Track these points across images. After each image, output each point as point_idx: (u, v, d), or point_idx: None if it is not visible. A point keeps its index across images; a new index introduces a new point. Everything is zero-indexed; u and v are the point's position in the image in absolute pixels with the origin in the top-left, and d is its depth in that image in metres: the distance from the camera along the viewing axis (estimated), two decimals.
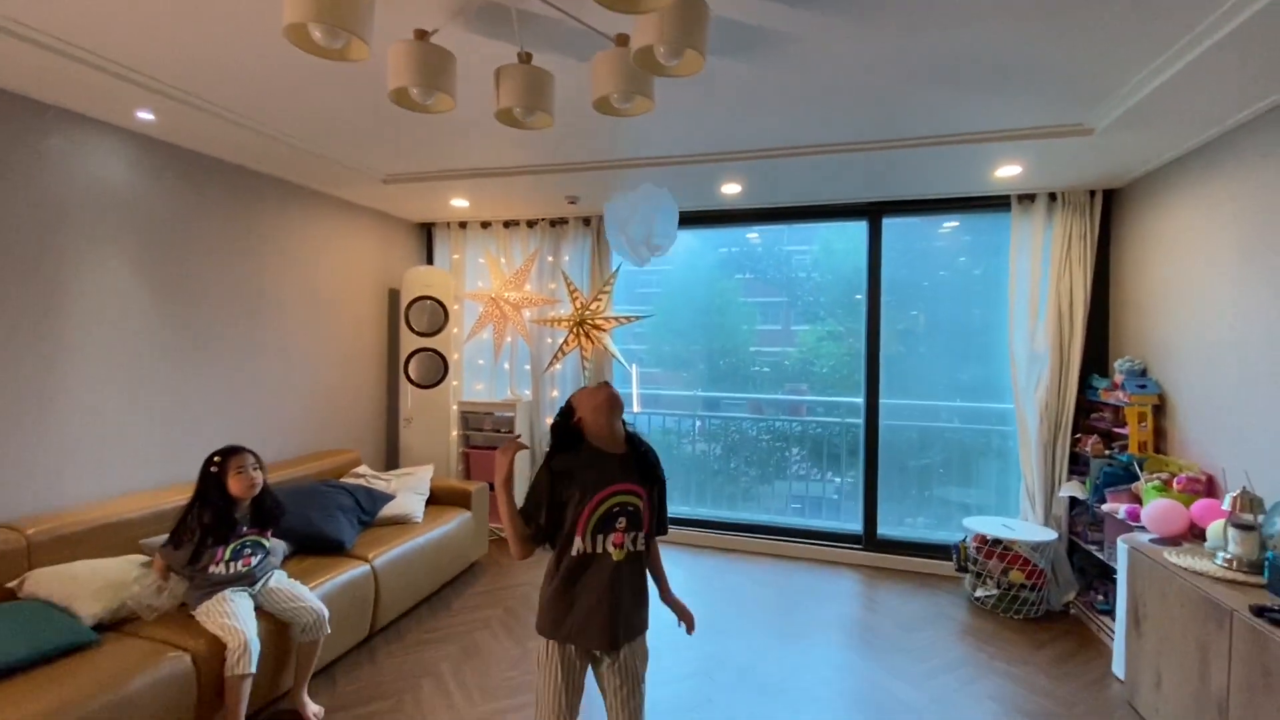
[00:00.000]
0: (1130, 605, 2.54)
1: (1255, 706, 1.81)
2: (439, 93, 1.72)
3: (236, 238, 3.32)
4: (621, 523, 1.60)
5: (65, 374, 2.56)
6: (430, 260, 4.90)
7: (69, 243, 2.57)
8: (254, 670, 2.11)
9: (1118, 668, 2.71)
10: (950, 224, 4.21)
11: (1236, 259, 2.57)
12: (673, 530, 4.45)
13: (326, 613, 2.41)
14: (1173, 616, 2.23)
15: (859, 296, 4.20)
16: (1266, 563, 2.06)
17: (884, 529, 4.08)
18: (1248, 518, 2.19)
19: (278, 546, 2.63)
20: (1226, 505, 2.28)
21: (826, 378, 4.69)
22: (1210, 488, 2.71)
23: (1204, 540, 2.47)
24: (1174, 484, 2.80)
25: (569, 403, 1.73)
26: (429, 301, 4.40)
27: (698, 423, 5.01)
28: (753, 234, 4.96)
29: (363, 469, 3.76)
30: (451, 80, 1.74)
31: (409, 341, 4.40)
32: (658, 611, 1.72)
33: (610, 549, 1.60)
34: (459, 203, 4.16)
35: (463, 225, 4.73)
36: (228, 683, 2.10)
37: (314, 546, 2.90)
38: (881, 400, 4.07)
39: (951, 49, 2.06)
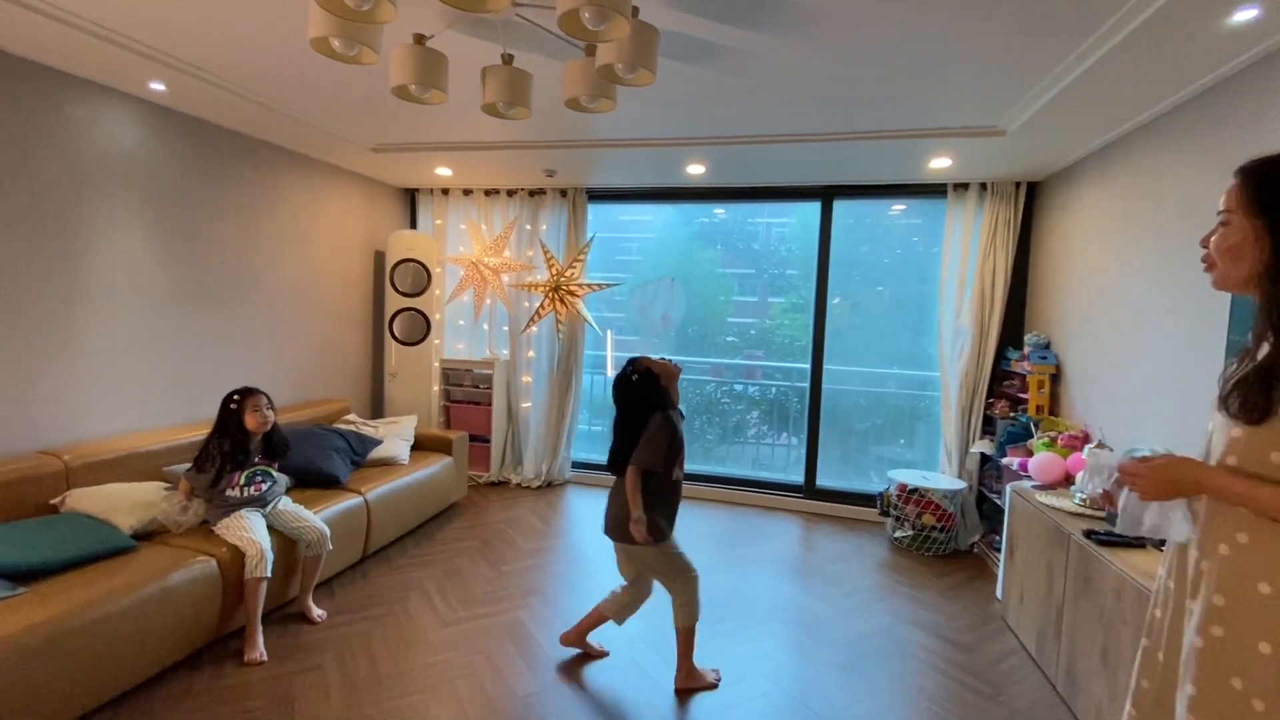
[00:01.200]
0: (1009, 538, 3.04)
1: (1078, 607, 2.30)
2: (433, 89, 2.03)
3: (237, 198, 3.58)
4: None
5: (88, 320, 2.86)
6: (414, 225, 5.17)
7: (90, 200, 2.83)
8: (269, 575, 2.50)
9: (999, 592, 3.24)
10: (898, 207, 4.62)
11: (1118, 249, 3.01)
12: None
13: (328, 531, 2.80)
14: (1034, 544, 2.73)
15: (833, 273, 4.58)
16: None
17: (823, 480, 4.58)
18: None
19: (281, 479, 2.99)
20: (1085, 455, 2.76)
21: (787, 346, 5.11)
22: (1085, 443, 3.21)
23: (1073, 486, 2.97)
24: (1059, 440, 3.29)
25: (646, 369, 2.39)
26: (413, 264, 4.69)
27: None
28: (719, 209, 5.31)
29: (352, 416, 4.11)
30: (444, 78, 2.06)
31: (394, 301, 4.71)
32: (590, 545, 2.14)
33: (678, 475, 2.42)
34: (443, 171, 4.43)
35: (445, 192, 4.99)
36: (247, 585, 2.48)
37: (313, 481, 3.27)
38: (825, 366, 4.51)
39: (875, 56, 2.41)
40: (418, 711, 2.16)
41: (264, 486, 2.74)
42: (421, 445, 4.16)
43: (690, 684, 2.39)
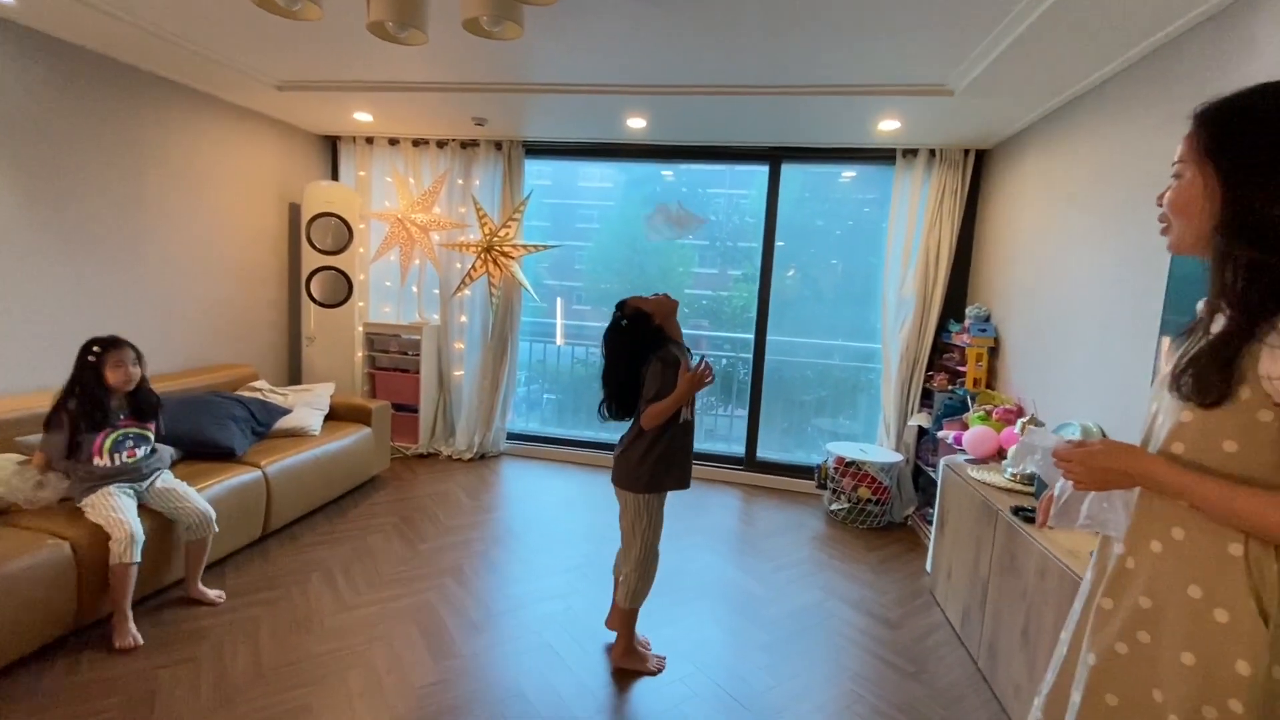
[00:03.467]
0: (940, 513, 3.00)
1: (1002, 584, 2.25)
2: (306, 1, 1.73)
3: (112, 137, 3.15)
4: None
5: None
6: (335, 176, 4.76)
7: None
8: (138, 560, 2.23)
9: (929, 565, 3.21)
10: (848, 174, 4.47)
11: (1060, 218, 2.93)
12: (574, 452, 4.73)
13: (213, 514, 2.52)
14: (963, 520, 2.67)
15: (781, 244, 4.43)
16: (1036, 476, 2.50)
17: (764, 452, 4.50)
18: None
19: (164, 452, 2.68)
20: (1018, 429, 2.70)
21: (737, 316, 4.95)
22: (1020, 417, 3.17)
23: (1004, 460, 2.93)
24: (994, 414, 3.25)
25: (638, 310, 2.22)
26: (332, 219, 4.32)
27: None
28: (666, 171, 5.06)
29: (260, 384, 3.77)
30: None
31: (311, 259, 4.33)
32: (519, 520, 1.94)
33: (690, 416, 2.23)
34: (362, 116, 4.04)
35: (369, 141, 4.60)
36: (113, 571, 2.20)
37: (204, 453, 2.97)
38: (770, 338, 4.39)
39: None
40: (297, 708, 1.96)
41: (138, 453, 2.44)
42: (338, 415, 3.87)
43: (626, 664, 2.26)
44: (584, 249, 5.15)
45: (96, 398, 2.34)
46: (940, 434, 3.51)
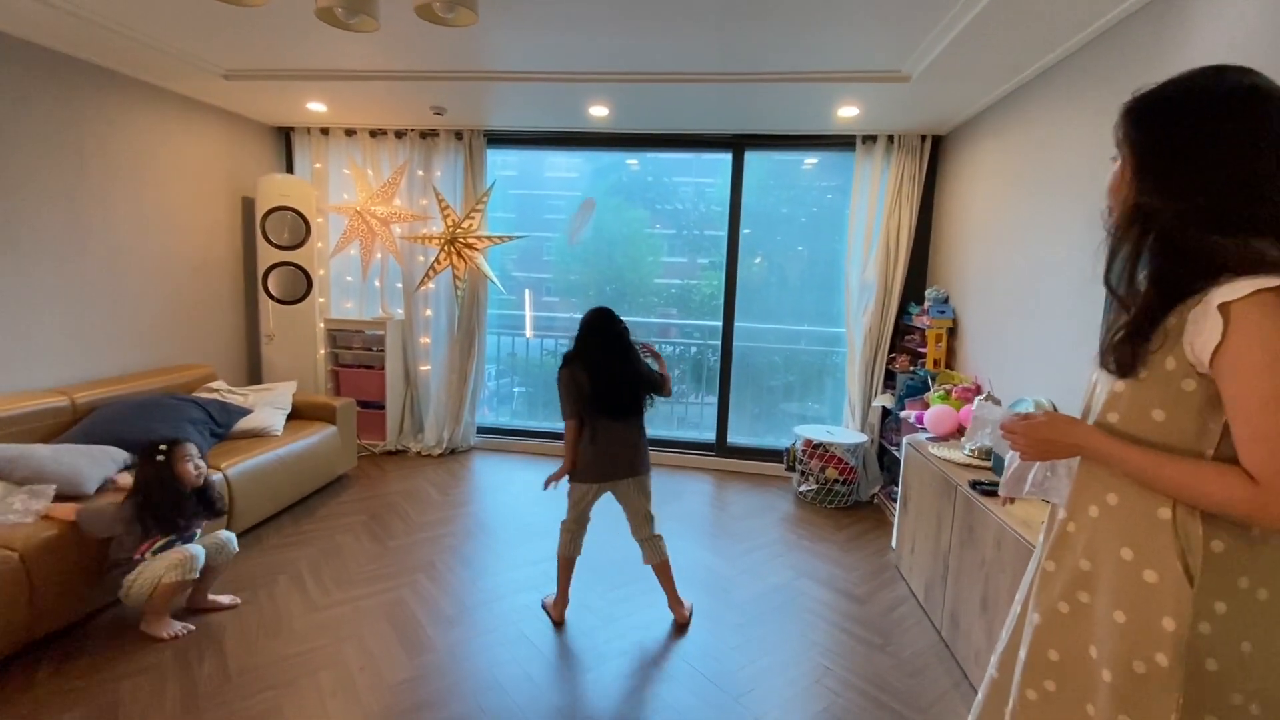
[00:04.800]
0: (904, 489, 3.08)
1: (962, 556, 2.33)
2: None
3: (49, 130, 3.00)
4: None
5: None
6: (290, 169, 4.62)
7: None
8: (197, 575, 2.26)
9: (895, 542, 3.31)
10: (810, 160, 4.52)
11: (1013, 202, 3.01)
12: (543, 444, 4.72)
13: (231, 536, 2.53)
14: (925, 495, 2.76)
15: (748, 231, 4.48)
16: (993, 451, 2.59)
17: (734, 437, 4.55)
18: None
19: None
20: (974, 407, 2.79)
21: (704, 304, 4.98)
22: (977, 395, 3.28)
23: (963, 437, 3.03)
24: (953, 393, 3.35)
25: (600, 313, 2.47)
26: (288, 213, 4.19)
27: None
28: (631, 160, 5.04)
29: (218, 384, 3.67)
30: None
31: (268, 254, 4.21)
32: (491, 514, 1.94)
33: None
34: (315, 106, 3.93)
35: (325, 132, 4.47)
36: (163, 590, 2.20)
37: None
38: (736, 324, 4.43)
39: None
40: (268, 710, 1.93)
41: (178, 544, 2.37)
42: (302, 414, 3.78)
43: (554, 612, 2.50)
44: (552, 240, 5.11)
45: (174, 500, 2.28)
46: (903, 414, 3.60)
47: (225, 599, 2.49)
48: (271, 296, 4.26)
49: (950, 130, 3.85)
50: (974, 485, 2.34)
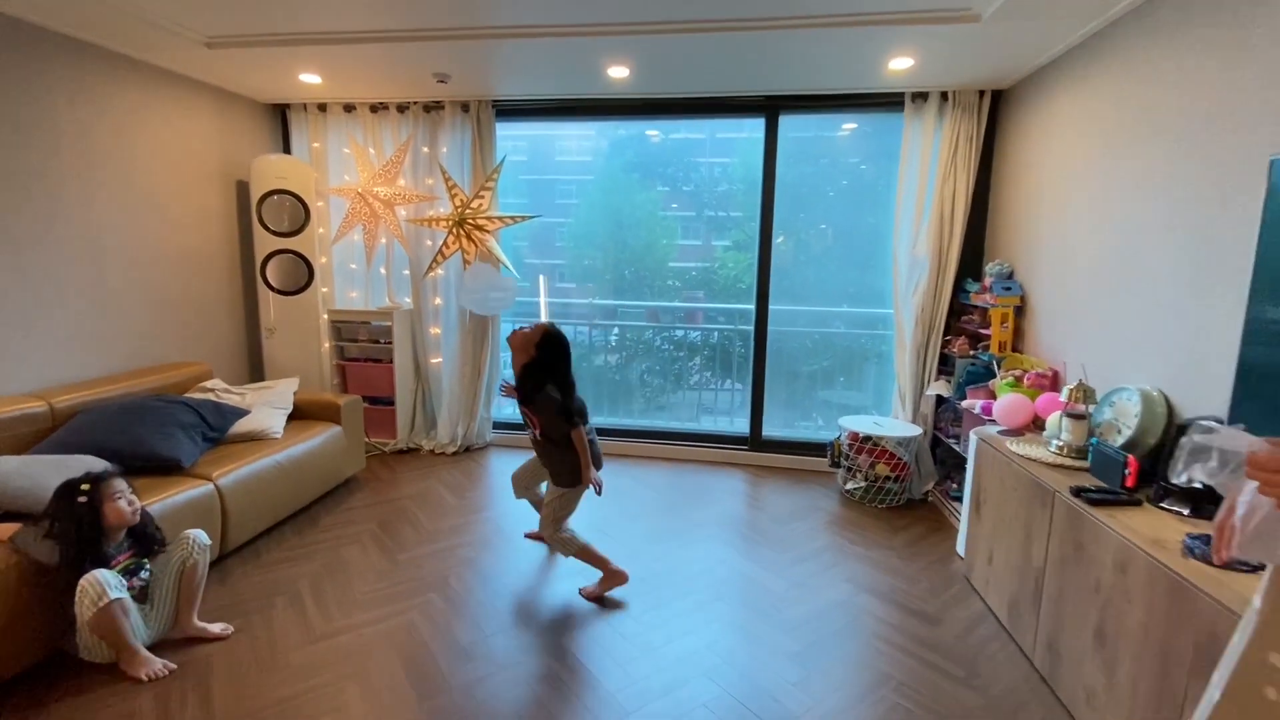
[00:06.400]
0: (974, 490, 2.72)
1: (1064, 576, 1.97)
2: None
3: (15, 109, 2.71)
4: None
5: None
6: (287, 149, 4.31)
7: None
8: (116, 596, 1.92)
9: (960, 547, 2.95)
10: (848, 125, 4.11)
11: (1101, 159, 2.60)
12: None
13: (199, 533, 2.22)
14: (1006, 499, 2.40)
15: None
16: (1091, 448, 2.22)
17: (770, 430, 4.20)
18: (1080, 408, 2.33)
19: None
20: (1064, 397, 2.42)
21: (729, 287, 4.63)
22: (1055, 383, 2.89)
23: (1044, 431, 2.65)
24: (1025, 380, 2.97)
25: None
26: (286, 196, 3.89)
27: (598, 332, 4.85)
28: (652, 131, 4.66)
29: (213, 383, 3.39)
30: None
31: (265, 242, 3.92)
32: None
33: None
34: (309, 78, 3.60)
35: (322, 108, 4.15)
36: (92, 625, 1.90)
37: (146, 467, 2.59)
38: (771, 307, 4.06)
39: None
40: None
41: (136, 583, 2.07)
42: (304, 413, 3.50)
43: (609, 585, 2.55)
44: (564, 224, 4.76)
45: (90, 542, 1.97)
46: (964, 403, 3.23)
47: (216, 627, 2.22)
48: (271, 287, 3.97)
49: (1014, 83, 3.41)
50: (1079, 493, 1.97)
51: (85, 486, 2.00)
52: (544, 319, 4.83)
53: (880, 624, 2.38)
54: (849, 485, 3.62)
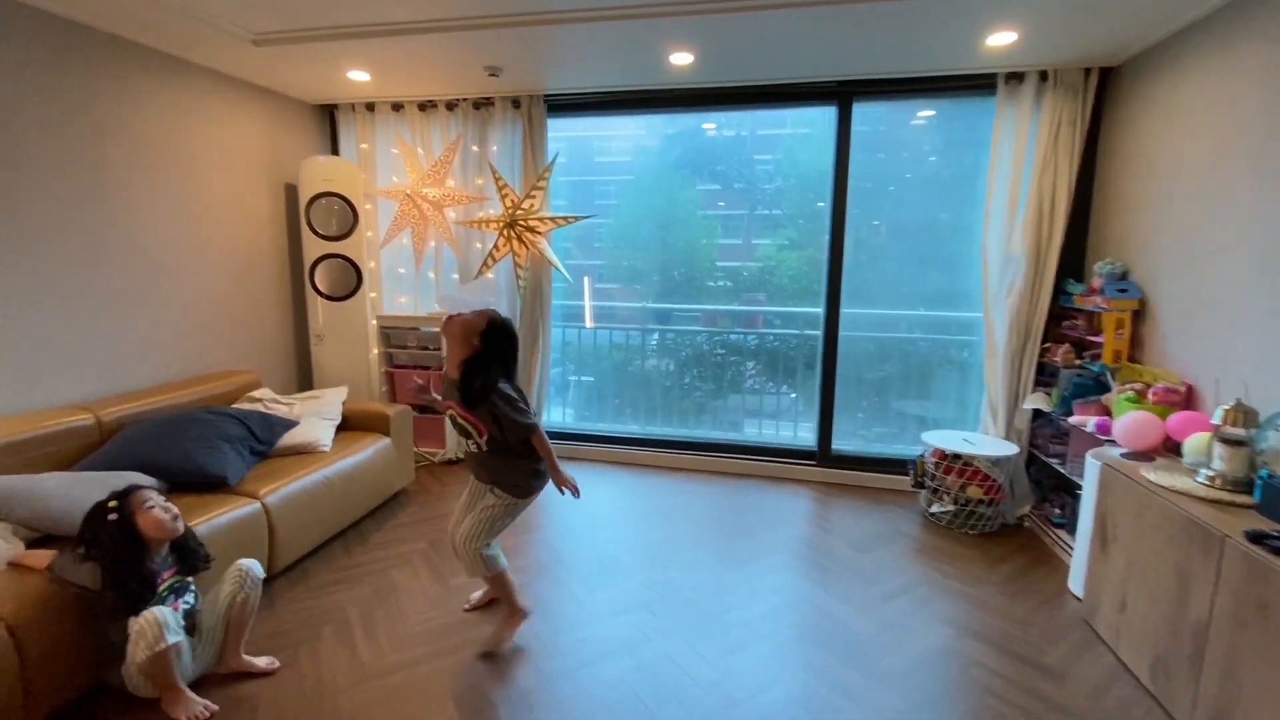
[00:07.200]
0: (1097, 523, 2.38)
1: (1241, 640, 1.64)
2: None
3: (63, 113, 2.63)
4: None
5: None
6: (335, 150, 4.21)
7: None
8: (173, 641, 1.77)
9: (1074, 584, 2.61)
10: (925, 113, 3.76)
11: (1255, 143, 2.23)
12: (616, 450, 4.20)
13: (254, 564, 2.08)
14: (1147, 538, 2.06)
15: (821, 204, 3.81)
16: (1259, 482, 1.86)
17: (838, 444, 3.89)
18: (1238, 432, 1.98)
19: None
20: (1217, 418, 2.06)
21: (786, 288, 4.33)
22: (1189, 399, 2.52)
23: (1179, 455, 2.30)
24: (1149, 395, 2.60)
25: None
26: (334, 199, 3.78)
27: (649, 337, 4.62)
28: (709, 124, 4.39)
29: (261, 392, 3.28)
30: None
31: (314, 246, 3.81)
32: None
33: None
34: (358, 75, 3.46)
35: (370, 108, 4.02)
36: (143, 667, 1.76)
37: (192, 484, 2.48)
38: (842, 310, 3.75)
39: None
40: None
41: (181, 605, 1.92)
42: (353, 424, 3.37)
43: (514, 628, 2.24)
44: (604, 225, 4.53)
45: (132, 559, 1.83)
46: (1072, 419, 2.87)
47: (262, 661, 2.07)
48: (319, 292, 3.87)
49: (1128, 59, 3.03)
50: (1257, 539, 1.64)
51: (113, 504, 1.88)
52: (589, 321, 4.63)
53: (994, 678, 2.07)
54: (934, 508, 3.29)
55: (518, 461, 2.13)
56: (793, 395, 4.33)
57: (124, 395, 2.83)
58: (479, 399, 2.00)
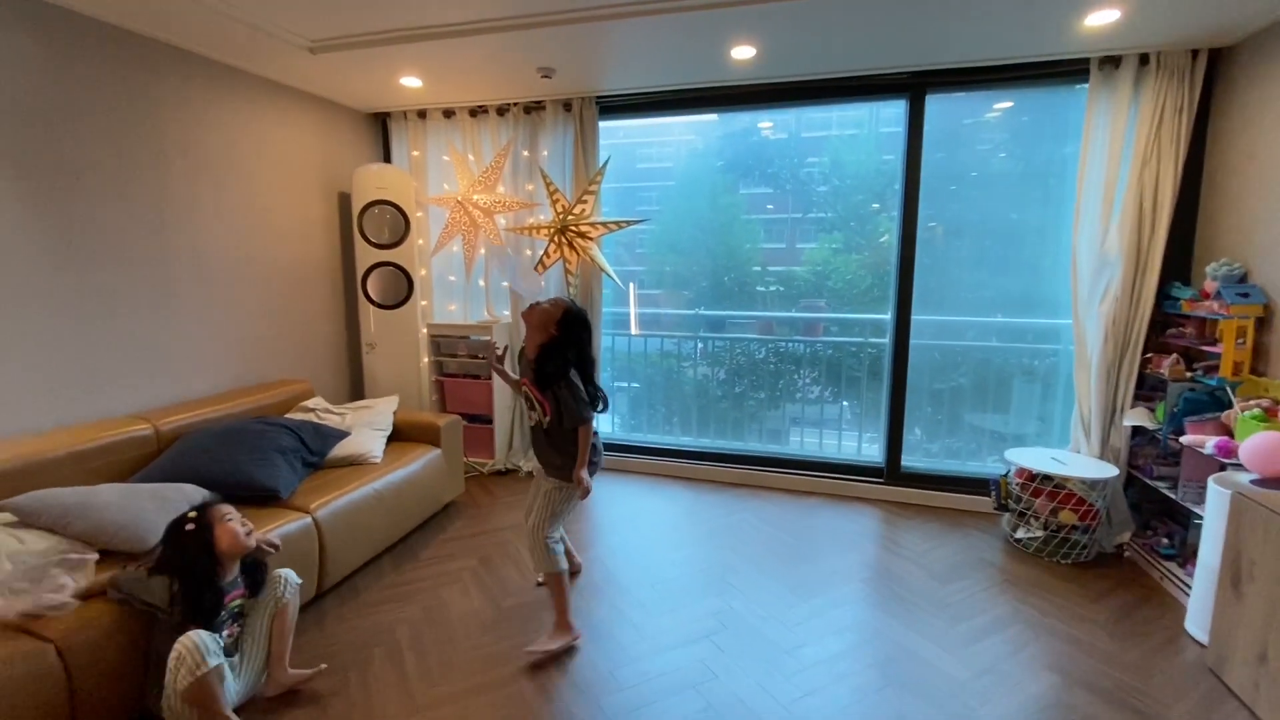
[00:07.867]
0: (1227, 560, 2.09)
1: None
2: None
3: (125, 121, 2.65)
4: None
5: None
6: (388, 158, 4.20)
7: None
8: (213, 664, 1.68)
9: (1193, 627, 2.31)
10: (1002, 105, 3.49)
11: None
12: (672, 464, 4.04)
13: (290, 574, 2.03)
14: None
15: (875, 206, 3.59)
16: None
17: (908, 460, 3.64)
18: None
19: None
20: None
21: (842, 293, 4.10)
22: None
23: None
24: (1279, 413, 2.29)
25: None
26: (386, 207, 3.76)
27: (700, 345, 4.45)
28: (766, 123, 4.21)
29: (314, 402, 3.26)
30: None
31: (366, 255, 3.80)
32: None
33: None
34: (410, 82, 3.43)
35: (422, 115, 4.00)
36: (185, 695, 1.68)
37: (245, 497, 2.43)
38: (913, 316, 3.50)
39: None
40: None
41: (237, 630, 1.90)
42: (403, 435, 3.31)
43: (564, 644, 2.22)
44: (647, 231, 4.39)
45: (207, 574, 1.79)
46: (1185, 439, 2.57)
47: (309, 672, 2.00)
48: (371, 301, 3.84)
49: (1245, 37, 2.72)
50: None
51: (192, 514, 1.85)
52: (634, 328, 4.50)
53: None
54: (1020, 533, 3.01)
55: (570, 447, 2.25)
56: (855, 407, 4.09)
57: (181, 405, 2.82)
58: (550, 381, 2.20)
